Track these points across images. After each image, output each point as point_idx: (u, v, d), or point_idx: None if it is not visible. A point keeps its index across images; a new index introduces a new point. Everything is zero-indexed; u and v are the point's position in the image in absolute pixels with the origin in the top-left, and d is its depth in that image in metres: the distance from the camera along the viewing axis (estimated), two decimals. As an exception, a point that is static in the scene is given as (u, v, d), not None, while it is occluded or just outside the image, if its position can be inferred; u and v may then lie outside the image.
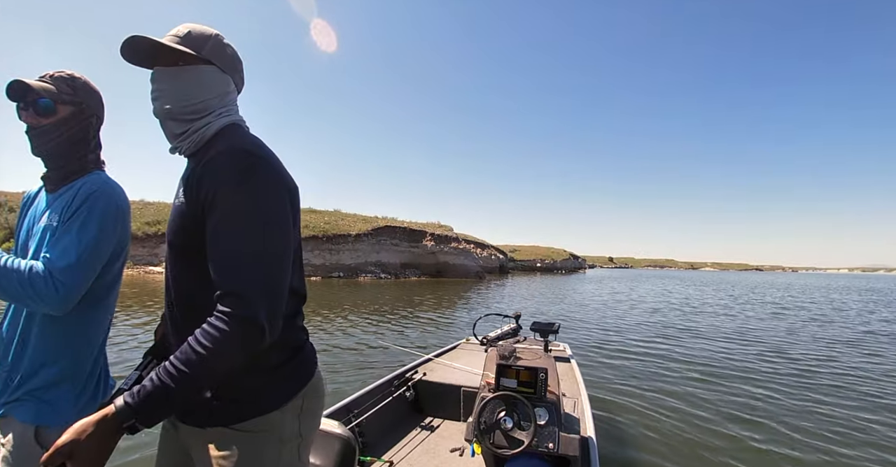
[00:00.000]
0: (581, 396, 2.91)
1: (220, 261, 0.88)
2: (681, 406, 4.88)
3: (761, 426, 4.36)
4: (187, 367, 0.81)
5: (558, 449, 2.09)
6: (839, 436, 4.19)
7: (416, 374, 3.53)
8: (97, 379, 1.34)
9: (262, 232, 0.90)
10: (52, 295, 1.12)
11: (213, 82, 1.05)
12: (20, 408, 1.20)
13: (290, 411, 1.02)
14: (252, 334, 0.84)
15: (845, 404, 5.16)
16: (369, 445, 2.90)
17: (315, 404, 1.11)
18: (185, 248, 0.98)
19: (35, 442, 1.19)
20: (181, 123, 1.02)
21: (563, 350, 4.31)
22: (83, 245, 1.19)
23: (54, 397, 1.23)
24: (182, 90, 1.01)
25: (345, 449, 1.38)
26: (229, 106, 1.10)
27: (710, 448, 3.83)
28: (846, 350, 8.60)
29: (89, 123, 1.35)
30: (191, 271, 0.99)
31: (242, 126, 1.11)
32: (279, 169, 1.00)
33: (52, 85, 1.28)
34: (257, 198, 0.91)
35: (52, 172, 1.32)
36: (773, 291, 29.75)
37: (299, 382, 1.06)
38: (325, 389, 1.17)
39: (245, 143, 0.97)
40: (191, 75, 1.02)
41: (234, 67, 1.11)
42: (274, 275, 0.90)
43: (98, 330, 1.34)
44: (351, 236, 30.82)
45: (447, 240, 36.84)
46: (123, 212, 1.31)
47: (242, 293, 0.85)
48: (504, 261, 48.11)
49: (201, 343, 0.82)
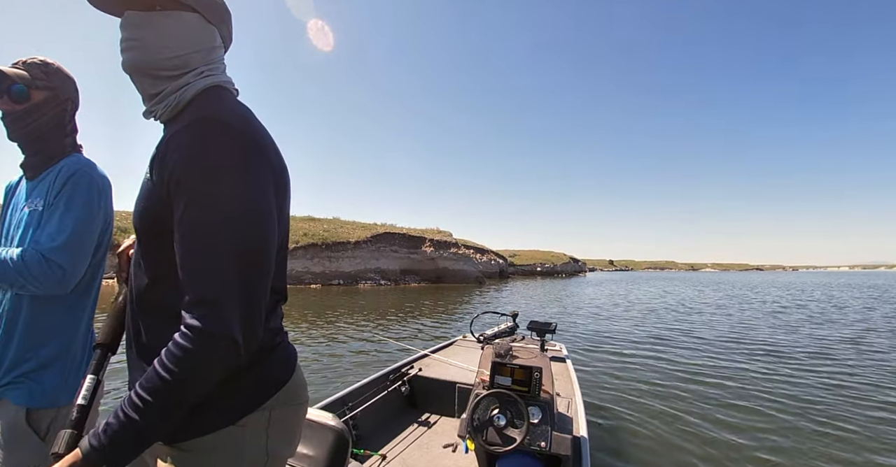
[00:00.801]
0: (575, 396, 2.91)
1: (188, 259, 0.74)
2: (675, 407, 4.87)
3: (755, 426, 4.34)
4: (154, 397, 0.70)
5: (550, 448, 2.10)
6: (839, 436, 4.17)
7: (411, 369, 3.56)
8: (86, 361, 1.35)
9: (237, 225, 0.75)
10: (49, 276, 1.14)
11: (197, 34, 0.90)
12: (13, 391, 1.22)
13: (252, 425, 0.86)
14: (225, 352, 0.72)
15: (845, 405, 5.13)
16: (363, 438, 2.92)
17: (289, 415, 0.94)
18: (150, 234, 0.84)
19: (26, 424, 1.21)
20: (156, 81, 0.87)
21: (559, 350, 4.32)
22: (71, 224, 1.21)
23: (46, 379, 1.25)
24: (158, 40, 0.85)
25: (338, 441, 1.38)
26: (214, 64, 0.93)
27: (703, 449, 3.82)
28: (845, 348, 8.58)
29: (64, 108, 1.36)
30: (156, 261, 0.85)
31: (228, 89, 0.94)
32: (263, 145, 0.83)
33: (24, 71, 1.28)
34: (233, 182, 0.75)
35: (30, 158, 1.33)
36: (773, 290, 29.74)
37: (264, 391, 0.89)
38: (309, 394, 1.04)
39: (223, 112, 0.82)
40: (170, 23, 0.86)
41: (221, 18, 0.95)
42: (252, 279, 0.76)
43: (87, 309, 1.36)
44: (350, 243, 30.84)
45: (446, 246, 36.89)
46: (105, 189, 1.34)
47: (214, 302, 0.72)
48: (504, 266, 48.11)
49: (167, 366, 0.70)
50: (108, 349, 1.00)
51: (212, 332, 0.71)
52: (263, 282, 0.79)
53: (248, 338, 0.74)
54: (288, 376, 0.95)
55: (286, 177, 0.91)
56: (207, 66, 0.91)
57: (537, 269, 61.57)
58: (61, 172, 1.28)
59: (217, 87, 0.91)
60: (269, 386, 0.90)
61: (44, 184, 1.29)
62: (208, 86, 0.89)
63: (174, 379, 0.70)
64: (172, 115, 0.88)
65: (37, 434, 1.23)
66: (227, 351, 0.72)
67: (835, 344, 8.90)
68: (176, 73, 0.87)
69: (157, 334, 0.84)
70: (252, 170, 0.79)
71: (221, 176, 0.75)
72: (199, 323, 0.71)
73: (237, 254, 0.74)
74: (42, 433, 1.23)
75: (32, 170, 1.34)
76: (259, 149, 0.81)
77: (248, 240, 0.76)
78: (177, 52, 0.87)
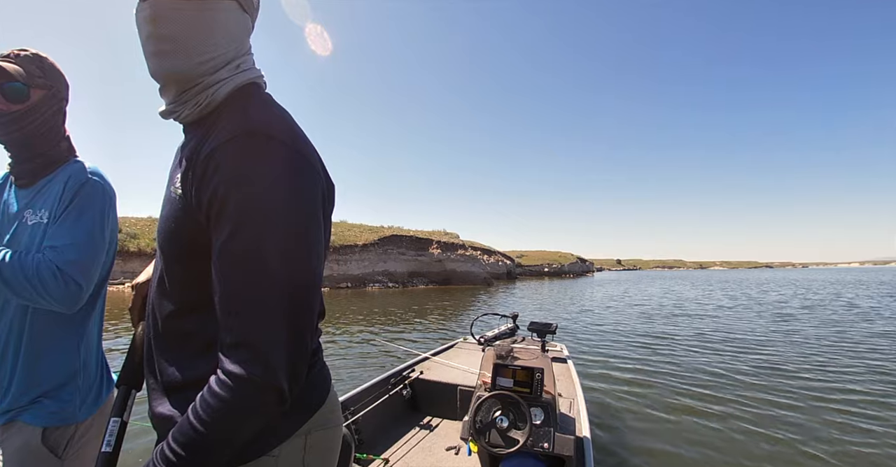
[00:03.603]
0: (577, 396, 2.91)
1: (229, 293, 0.64)
2: (678, 407, 4.86)
3: (758, 427, 4.33)
4: (187, 451, 0.61)
5: (553, 449, 2.10)
6: (840, 438, 4.14)
7: (412, 372, 3.56)
8: (100, 374, 1.32)
9: (288, 258, 0.65)
10: (62, 291, 1.05)
11: (235, 25, 0.77)
12: (29, 413, 1.16)
13: (288, 453, 0.77)
14: (269, 402, 0.63)
15: (846, 405, 5.09)
16: (365, 443, 2.92)
17: (327, 438, 0.85)
18: (181, 259, 0.74)
19: (41, 445, 1.15)
20: (187, 82, 0.75)
21: (560, 350, 4.31)
22: (87, 238, 1.13)
23: (63, 396, 1.20)
24: (196, 39, 0.72)
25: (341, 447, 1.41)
26: (246, 55, 0.82)
27: (705, 449, 3.81)
28: (850, 347, 8.50)
29: (60, 108, 1.24)
30: (185, 288, 0.75)
31: (262, 86, 0.84)
32: (314, 162, 0.73)
33: (18, 66, 1.13)
34: (286, 210, 0.66)
35: (25, 164, 1.20)
36: (783, 289, 29.42)
37: (301, 416, 0.80)
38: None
39: (272, 124, 0.70)
40: (208, 15, 0.72)
41: (252, 4, 0.81)
42: (300, 317, 0.66)
43: (96, 320, 1.31)
44: (358, 246, 30.96)
45: (453, 248, 36.91)
46: (113, 199, 1.26)
47: (258, 346, 0.62)
48: (511, 267, 48.05)
49: (201, 418, 0.62)
50: (130, 386, 0.94)
51: (255, 382, 0.61)
52: (311, 320, 0.69)
53: (294, 384, 0.65)
54: (324, 397, 0.87)
55: (333, 192, 0.82)
56: (241, 58, 0.80)
57: (545, 270, 61.40)
58: (69, 182, 1.17)
59: (252, 85, 0.81)
60: (307, 410, 0.81)
61: (48, 194, 1.18)
62: (244, 83, 0.79)
63: (211, 431, 0.61)
64: (200, 117, 0.77)
65: (53, 453, 1.16)
66: (270, 401, 0.63)
67: (841, 343, 8.82)
68: (210, 71, 0.76)
69: (184, 366, 0.76)
70: (306, 195, 0.69)
71: (274, 203, 0.65)
72: (240, 369, 0.61)
73: (287, 290, 0.65)
74: (59, 451, 1.17)
75: (29, 176, 1.20)
76: (311, 169, 0.72)
77: (299, 275, 0.66)
78: (218, 51, 0.75)
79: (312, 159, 0.73)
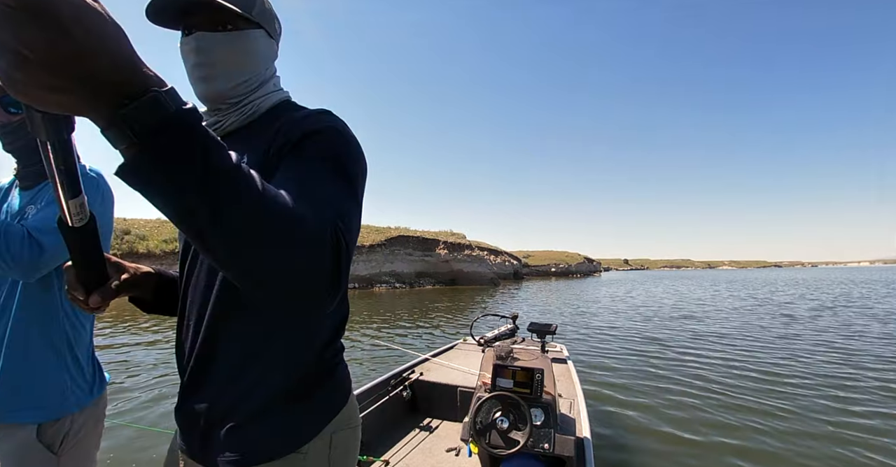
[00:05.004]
0: (577, 397, 2.92)
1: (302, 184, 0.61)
2: (679, 407, 4.86)
3: (759, 428, 4.30)
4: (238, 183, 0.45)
5: (554, 450, 2.11)
6: (840, 438, 4.12)
7: (412, 374, 3.56)
8: (93, 369, 1.34)
9: (348, 190, 0.68)
10: (24, 254, 1.06)
11: (266, 50, 0.87)
12: (22, 410, 1.17)
13: (316, 451, 0.80)
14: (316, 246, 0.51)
15: (850, 406, 5.06)
16: (365, 444, 2.92)
17: (349, 438, 0.88)
18: None
19: (37, 440, 1.17)
20: (229, 100, 0.85)
21: (560, 351, 4.31)
22: None
23: (55, 392, 1.21)
24: (234, 64, 0.82)
25: None
26: (275, 77, 0.92)
27: (706, 449, 3.82)
28: (857, 347, 8.43)
29: None
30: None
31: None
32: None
33: None
34: (351, 159, 0.73)
35: (29, 169, 1.26)
36: (791, 289, 29.15)
37: (326, 415, 0.83)
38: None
39: (342, 125, 0.78)
40: (242, 44, 0.82)
41: (276, 30, 0.91)
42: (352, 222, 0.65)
43: (89, 318, 1.33)
44: (365, 247, 30.99)
45: (460, 248, 36.93)
46: (111, 197, 1.31)
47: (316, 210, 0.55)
48: (518, 267, 47.99)
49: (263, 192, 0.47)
50: None
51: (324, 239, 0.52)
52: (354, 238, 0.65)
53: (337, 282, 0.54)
54: (347, 397, 0.90)
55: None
56: (274, 79, 0.91)
57: (552, 270, 61.18)
58: None
59: (290, 101, 0.91)
60: (332, 410, 0.85)
61: (49, 192, 1.21)
62: (283, 99, 0.90)
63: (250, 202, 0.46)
64: (244, 124, 0.85)
65: (49, 449, 1.18)
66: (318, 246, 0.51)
67: (848, 342, 8.75)
68: (249, 91, 0.86)
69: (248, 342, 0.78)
70: (362, 164, 0.76)
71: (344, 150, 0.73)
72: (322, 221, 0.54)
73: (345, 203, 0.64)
74: (55, 447, 1.19)
75: (32, 179, 1.27)
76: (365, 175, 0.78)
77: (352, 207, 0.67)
78: (253, 74, 0.85)
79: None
